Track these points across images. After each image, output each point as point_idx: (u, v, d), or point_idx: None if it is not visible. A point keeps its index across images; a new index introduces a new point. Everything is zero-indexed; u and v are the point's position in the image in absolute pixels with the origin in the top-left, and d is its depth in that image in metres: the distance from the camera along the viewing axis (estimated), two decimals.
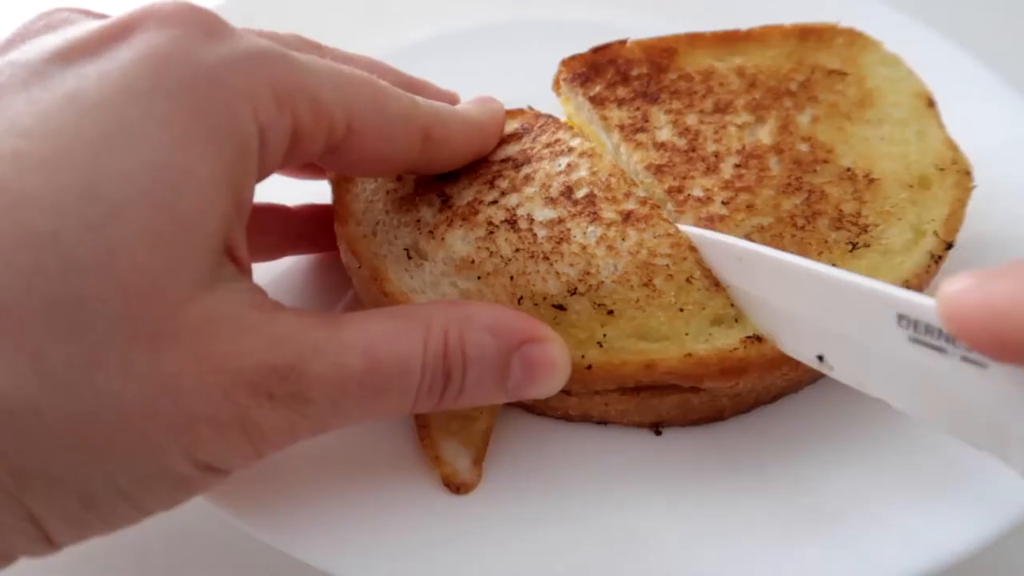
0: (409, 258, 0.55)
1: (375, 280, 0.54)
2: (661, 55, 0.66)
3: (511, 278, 0.53)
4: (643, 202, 0.57)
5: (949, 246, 0.55)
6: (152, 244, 0.36)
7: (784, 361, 0.51)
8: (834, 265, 0.54)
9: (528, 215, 0.55)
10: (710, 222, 0.56)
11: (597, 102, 0.63)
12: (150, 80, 0.38)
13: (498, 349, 0.46)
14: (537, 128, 0.62)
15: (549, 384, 0.48)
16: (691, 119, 0.62)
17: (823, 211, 0.57)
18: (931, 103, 0.64)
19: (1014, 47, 0.79)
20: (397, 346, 0.43)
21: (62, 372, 0.35)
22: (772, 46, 0.67)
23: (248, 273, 0.44)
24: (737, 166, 0.60)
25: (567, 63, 0.65)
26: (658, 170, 0.59)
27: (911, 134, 0.62)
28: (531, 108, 0.64)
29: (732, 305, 0.52)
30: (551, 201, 0.56)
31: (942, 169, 0.59)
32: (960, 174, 0.59)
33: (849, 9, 0.72)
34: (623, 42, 0.66)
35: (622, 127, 0.62)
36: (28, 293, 0.34)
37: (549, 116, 0.63)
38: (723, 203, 0.58)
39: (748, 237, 0.56)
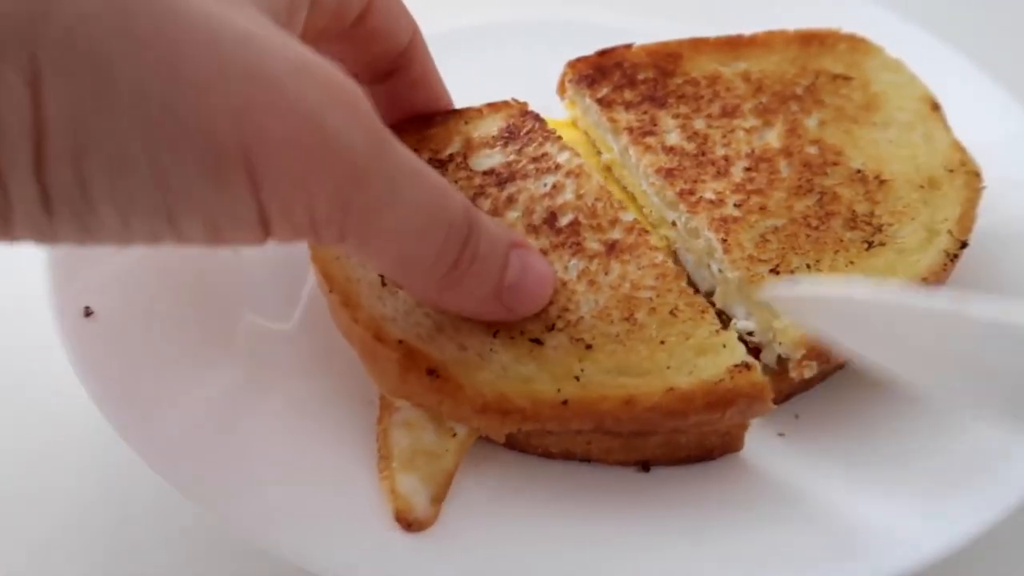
0: (383, 285, 0.52)
1: (346, 306, 0.50)
2: (666, 60, 0.65)
3: None
4: (629, 229, 0.54)
5: (964, 245, 0.55)
6: None
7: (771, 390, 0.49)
8: (851, 264, 0.54)
9: None
10: (724, 223, 0.56)
11: (605, 104, 0.62)
12: None
13: (502, 234, 0.47)
14: (524, 135, 0.59)
15: (539, 290, 0.49)
16: (699, 123, 0.62)
17: (836, 212, 0.57)
18: (935, 107, 0.64)
19: (1001, 47, 0.81)
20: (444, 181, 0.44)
21: None
22: (775, 51, 0.67)
23: None
24: (747, 169, 0.59)
25: (573, 65, 0.65)
26: (668, 173, 0.59)
27: (918, 137, 0.62)
28: (515, 100, 0.61)
29: (718, 331, 0.50)
30: (533, 229, 0.54)
31: (951, 170, 0.59)
32: (969, 175, 0.59)
33: (842, 10, 0.73)
34: (628, 46, 0.66)
35: (630, 130, 0.61)
36: None
37: (535, 119, 0.60)
38: (735, 205, 0.57)
39: (763, 238, 0.55)
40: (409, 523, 0.47)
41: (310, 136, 0.34)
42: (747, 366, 0.49)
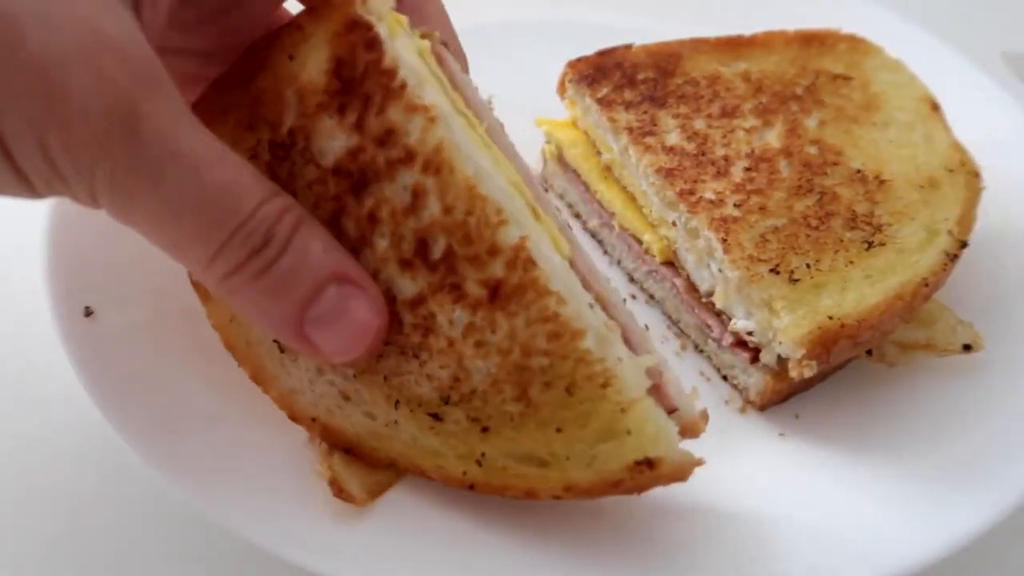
0: (282, 351, 0.48)
1: (258, 382, 0.49)
2: (667, 60, 0.65)
3: (385, 378, 0.46)
4: (512, 261, 0.44)
5: (964, 245, 0.55)
6: None
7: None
8: (851, 264, 0.54)
9: (389, 289, 0.46)
10: (724, 223, 0.56)
11: (605, 104, 0.62)
12: None
13: (322, 261, 0.43)
14: (359, 80, 0.45)
15: (349, 341, 0.44)
16: (699, 123, 0.62)
17: (836, 212, 0.57)
18: (935, 107, 0.64)
19: (1002, 47, 0.81)
20: (244, 175, 0.41)
21: None
22: (775, 51, 0.67)
23: None
24: (747, 169, 0.59)
25: (573, 65, 0.65)
26: (668, 173, 0.59)
27: (918, 137, 0.62)
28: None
29: (624, 410, 0.43)
30: (407, 266, 0.45)
31: (951, 171, 0.59)
32: (969, 175, 0.59)
33: (842, 10, 0.73)
34: (629, 46, 0.66)
35: (630, 130, 0.61)
36: None
37: (366, 43, 0.45)
38: (735, 205, 0.57)
39: (763, 238, 0.55)
40: (340, 490, 0.46)
41: (41, 85, 0.36)
42: (650, 464, 0.43)
